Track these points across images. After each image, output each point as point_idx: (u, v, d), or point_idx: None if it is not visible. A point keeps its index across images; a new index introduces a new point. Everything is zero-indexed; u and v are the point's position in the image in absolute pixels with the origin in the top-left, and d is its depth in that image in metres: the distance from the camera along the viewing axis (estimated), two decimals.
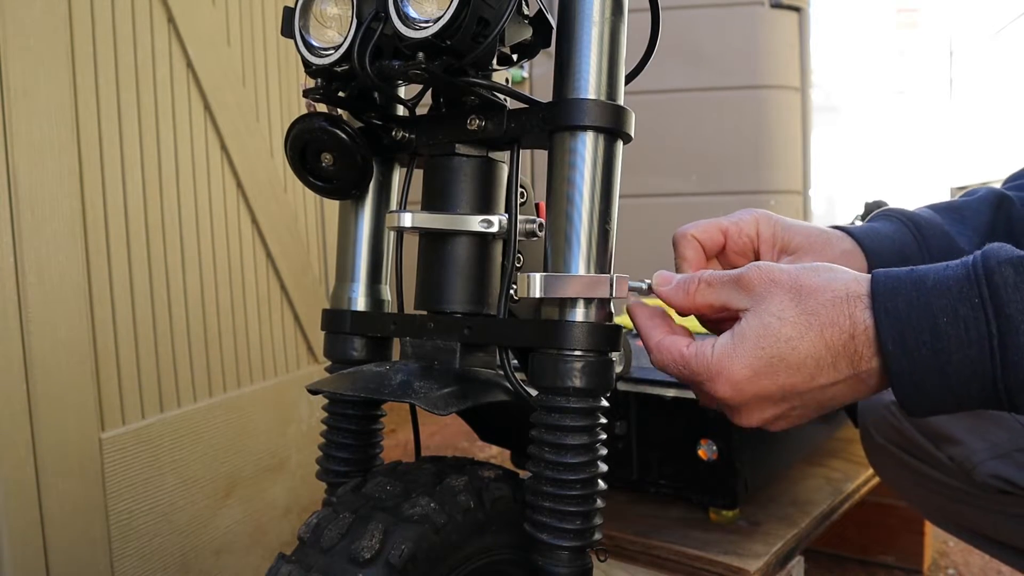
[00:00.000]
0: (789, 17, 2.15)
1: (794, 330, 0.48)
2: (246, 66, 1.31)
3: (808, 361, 0.48)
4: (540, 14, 0.59)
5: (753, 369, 0.49)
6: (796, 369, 0.48)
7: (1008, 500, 0.83)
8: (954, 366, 0.45)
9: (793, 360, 0.48)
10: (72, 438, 1.00)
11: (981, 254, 0.46)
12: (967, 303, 0.44)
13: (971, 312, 0.44)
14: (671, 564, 0.90)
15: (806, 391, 0.49)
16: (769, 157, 2.11)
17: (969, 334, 0.44)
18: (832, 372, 0.48)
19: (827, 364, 0.48)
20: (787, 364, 0.48)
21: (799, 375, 0.48)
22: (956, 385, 0.45)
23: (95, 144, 1.04)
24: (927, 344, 0.45)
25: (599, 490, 0.55)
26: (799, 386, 0.49)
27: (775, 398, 0.50)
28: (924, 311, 0.45)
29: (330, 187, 0.65)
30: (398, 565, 0.49)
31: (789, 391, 0.49)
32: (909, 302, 0.46)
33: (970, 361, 0.44)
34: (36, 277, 0.96)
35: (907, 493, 0.98)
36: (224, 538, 1.26)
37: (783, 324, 0.49)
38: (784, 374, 0.49)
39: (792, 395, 0.49)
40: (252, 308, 1.33)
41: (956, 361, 0.44)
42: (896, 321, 0.46)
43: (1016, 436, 0.80)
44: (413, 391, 0.54)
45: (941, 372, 0.45)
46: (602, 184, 0.54)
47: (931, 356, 0.45)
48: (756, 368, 0.49)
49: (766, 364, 0.49)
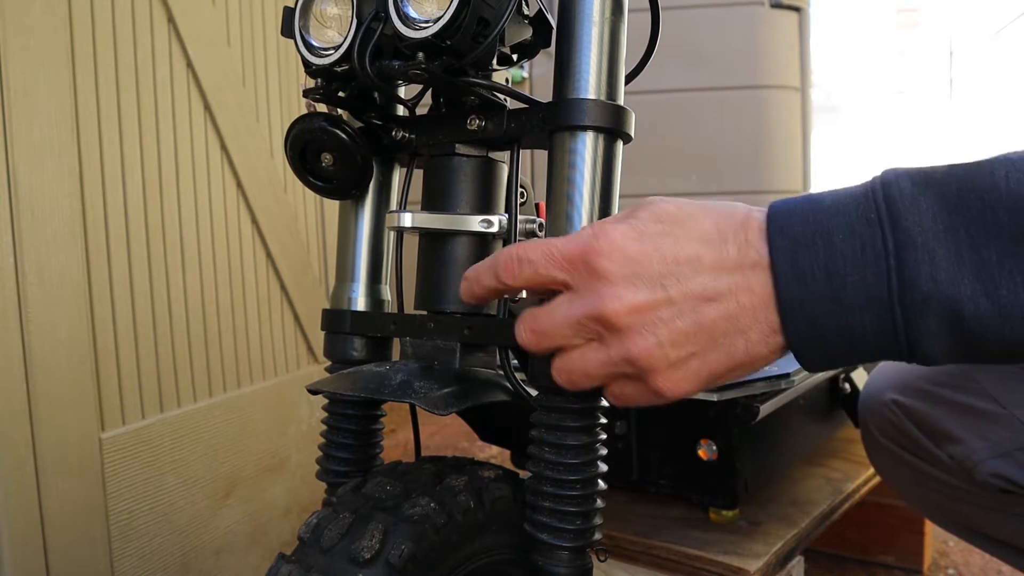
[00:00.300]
0: (789, 17, 2.15)
1: (687, 209, 0.45)
2: (246, 66, 1.31)
3: (695, 239, 0.44)
4: (540, 14, 0.59)
5: (637, 230, 0.45)
6: (681, 244, 0.44)
7: (1009, 499, 0.83)
8: (848, 292, 0.40)
9: (681, 234, 0.44)
10: (72, 438, 1.00)
11: (881, 172, 0.42)
12: (863, 219, 0.41)
13: (867, 229, 0.40)
14: (671, 564, 0.90)
15: (687, 275, 0.43)
16: (769, 157, 2.11)
17: (865, 253, 0.40)
18: (717, 258, 0.43)
19: (713, 247, 0.43)
20: (674, 236, 0.44)
21: (683, 250, 0.44)
22: (851, 317, 0.41)
23: (95, 144, 1.04)
24: (820, 265, 0.41)
25: (599, 490, 0.55)
26: (681, 262, 0.43)
27: (652, 275, 0.44)
28: (819, 229, 0.41)
29: (330, 187, 0.65)
30: (398, 565, 0.49)
31: (670, 265, 0.43)
32: (804, 221, 0.42)
33: (866, 286, 0.40)
34: (36, 277, 0.96)
35: (907, 492, 0.98)
36: (224, 538, 1.26)
37: (673, 204, 0.46)
38: (669, 243, 0.44)
39: (670, 276, 0.43)
40: (252, 308, 1.33)
41: (851, 285, 0.40)
42: (790, 241, 0.42)
43: (1017, 435, 0.80)
44: (413, 391, 0.54)
45: (835, 300, 0.41)
46: (602, 184, 0.54)
47: (825, 280, 0.41)
48: (640, 230, 0.45)
49: (651, 229, 0.44)
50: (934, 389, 0.87)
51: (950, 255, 0.39)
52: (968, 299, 0.39)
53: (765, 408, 0.89)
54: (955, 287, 0.39)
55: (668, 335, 0.44)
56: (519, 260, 0.47)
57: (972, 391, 0.83)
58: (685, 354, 0.44)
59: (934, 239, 0.39)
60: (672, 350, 0.44)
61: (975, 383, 0.83)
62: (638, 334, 0.44)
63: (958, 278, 0.39)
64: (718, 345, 0.44)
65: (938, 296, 0.39)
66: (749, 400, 0.88)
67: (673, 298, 0.43)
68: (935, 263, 0.39)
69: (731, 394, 0.87)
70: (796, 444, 1.09)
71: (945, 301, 0.39)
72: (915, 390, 0.89)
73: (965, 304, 0.39)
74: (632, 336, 0.44)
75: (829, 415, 1.16)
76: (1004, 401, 0.81)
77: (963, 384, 0.84)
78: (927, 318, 0.39)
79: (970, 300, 0.39)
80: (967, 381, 0.84)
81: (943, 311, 0.39)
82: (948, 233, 0.39)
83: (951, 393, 0.85)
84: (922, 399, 0.88)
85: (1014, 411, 0.80)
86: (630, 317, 0.44)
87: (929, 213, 0.39)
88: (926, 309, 0.39)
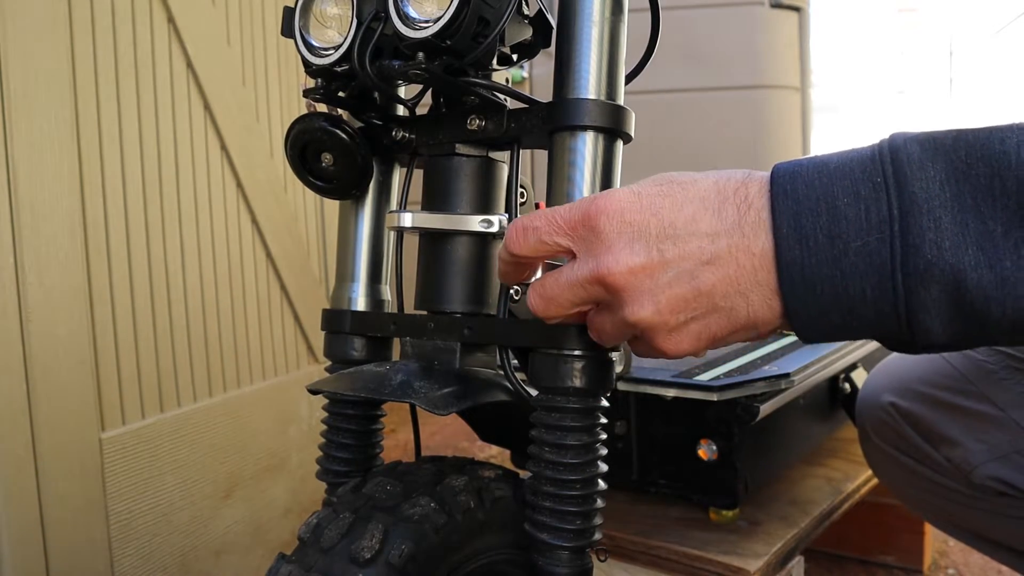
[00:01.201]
0: (789, 17, 2.15)
1: (688, 174, 0.45)
2: (246, 66, 1.31)
3: (693, 200, 0.44)
4: (540, 14, 0.59)
5: (636, 193, 0.45)
6: (679, 206, 0.43)
7: (1007, 502, 0.82)
8: (850, 258, 0.39)
9: (679, 196, 0.44)
10: (72, 438, 1.00)
11: (889, 135, 0.41)
12: (869, 183, 0.39)
13: (872, 192, 0.39)
14: (671, 564, 0.90)
15: (683, 237, 0.43)
16: (769, 157, 2.11)
17: (870, 218, 0.39)
18: (715, 219, 0.43)
19: (712, 208, 0.43)
20: (672, 199, 0.44)
21: (680, 212, 0.43)
22: (851, 283, 0.40)
23: (95, 144, 1.04)
24: (823, 228, 0.40)
25: (599, 490, 0.55)
26: (678, 224, 0.43)
27: (650, 237, 0.43)
28: (823, 192, 0.40)
29: (330, 187, 0.65)
30: (398, 565, 0.49)
31: (667, 227, 0.43)
32: (808, 183, 0.41)
33: (868, 252, 0.39)
34: (36, 277, 0.96)
35: (905, 495, 0.98)
36: (224, 538, 1.26)
37: (676, 172, 0.46)
38: (668, 207, 0.44)
39: (667, 238, 0.43)
40: (252, 308, 1.33)
41: (853, 251, 0.39)
42: (794, 202, 0.41)
43: (1015, 437, 0.80)
44: (413, 391, 0.54)
45: (835, 264, 0.40)
46: (602, 184, 0.54)
47: (827, 244, 0.40)
48: (639, 192, 0.45)
49: (650, 191, 0.45)
50: (931, 392, 0.87)
51: (955, 223, 0.38)
52: (971, 269, 0.37)
53: (765, 408, 0.89)
54: (959, 256, 0.38)
55: (667, 301, 0.44)
56: (524, 229, 0.48)
57: (969, 394, 0.83)
58: (684, 319, 0.44)
59: (940, 206, 0.38)
60: (671, 316, 0.44)
61: (972, 386, 0.83)
62: (637, 299, 0.44)
63: (962, 247, 0.38)
64: (718, 308, 0.44)
65: (941, 265, 0.38)
66: (749, 400, 0.88)
67: (670, 260, 0.43)
68: (940, 230, 0.38)
69: (731, 394, 0.87)
70: (796, 444, 1.09)
71: (948, 270, 0.38)
72: (912, 393, 0.89)
73: (968, 274, 0.37)
74: (632, 300, 0.44)
75: (829, 415, 1.16)
76: (1001, 404, 0.81)
77: (960, 387, 0.84)
78: (929, 287, 0.38)
79: (973, 270, 0.37)
80: (964, 384, 0.84)
81: (945, 280, 0.38)
82: (955, 200, 0.38)
83: (948, 396, 0.85)
84: (919, 402, 0.87)
85: (1011, 414, 0.80)
86: (627, 279, 0.44)
87: (937, 180, 0.38)
88: (928, 278, 0.38)
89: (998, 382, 0.82)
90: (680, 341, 0.45)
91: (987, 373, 0.83)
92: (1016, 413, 0.80)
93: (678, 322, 0.44)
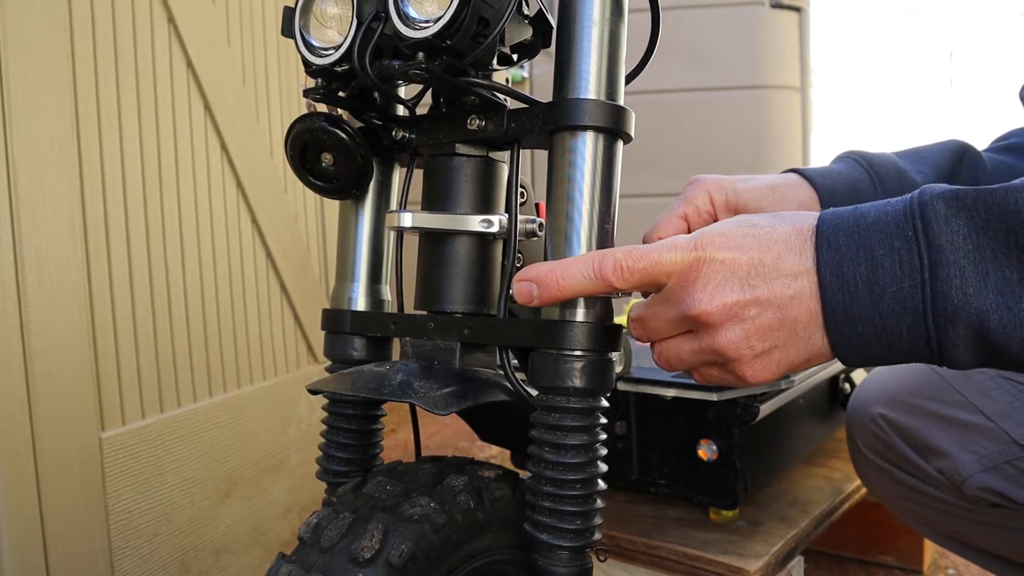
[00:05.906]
0: (789, 17, 2.15)
1: (768, 220, 0.50)
2: (246, 66, 1.31)
3: (779, 241, 0.49)
4: (540, 14, 0.59)
5: (727, 236, 0.50)
6: (767, 246, 0.49)
7: (999, 513, 0.82)
8: (887, 302, 0.45)
9: (765, 237, 0.49)
10: (72, 438, 1.00)
11: (919, 190, 0.47)
12: (902, 236, 0.45)
13: (905, 245, 0.45)
14: (671, 564, 0.90)
15: (771, 276, 0.48)
16: (769, 157, 2.11)
17: (903, 267, 0.45)
18: (797, 259, 0.48)
19: (795, 248, 0.48)
20: (759, 241, 0.49)
21: (768, 252, 0.48)
22: (889, 323, 0.46)
23: (95, 143, 1.04)
24: (863, 277, 0.46)
25: (599, 490, 0.55)
26: (767, 264, 0.48)
27: (742, 274, 0.49)
28: (863, 244, 0.46)
29: (330, 187, 0.65)
30: (398, 565, 0.49)
31: (757, 267, 0.48)
32: (849, 235, 0.47)
33: (902, 297, 0.45)
34: (36, 277, 0.96)
35: (896, 505, 0.97)
36: (224, 538, 1.26)
37: (756, 218, 0.51)
38: (756, 248, 0.49)
39: (757, 276, 0.48)
40: (252, 308, 1.33)
41: (890, 296, 0.45)
42: (836, 253, 0.47)
43: (1004, 447, 0.80)
44: (413, 391, 0.54)
45: (873, 307, 0.46)
46: (602, 184, 0.54)
47: (866, 290, 0.46)
48: (731, 235, 0.49)
49: (742, 234, 0.49)
50: (919, 402, 0.86)
51: (978, 272, 0.44)
52: (993, 311, 0.43)
53: (765, 408, 0.89)
54: (981, 300, 0.44)
55: (755, 330, 0.49)
56: (628, 270, 0.51)
57: (957, 403, 0.83)
58: (768, 346, 0.49)
59: (964, 257, 0.44)
60: (758, 343, 0.49)
61: (959, 395, 0.83)
62: (727, 330, 0.49)
63: (984, 292, 0.44)
64: (798, 339, 0.49)
65: (966, 308, 0.44)
66: (749, 400, 0.88)
67: (760, 298, 0.48)
68: (965, 278, 0.44)
69: (731, 394, 0.87)
70: (796, 444, 1.09)
71: (972, 312, 0.44)
72: (901, 404, 0.88)
73: (990, 315, 0.43)
74: (721, 331, 0.49)
75: (829, 415, 1.16)
76: (990, 414, 0.81)
77: (948, 396, 0.84)
78: (957, 327, 0.44)
79: (994, 312, 0.43)
80: (953, 394, 0.84)
81: (970, 321, 0.44)
82: (976, 252, 0.44)
83: (937, 406, 0.85)
84: (908, 412, 0.87)
85: (999, 423, 0.80)
86: (720, 315, 0.49)
87: (960, 233, 0.44)
88: (955, 319, 0.44)
89: (986, 392, 0.82)
90: (762, 368, 0.50)
91: (975, 383, 0.83)
92: (1004, 422, 0.80)
93: (763, 349, 0.49)
